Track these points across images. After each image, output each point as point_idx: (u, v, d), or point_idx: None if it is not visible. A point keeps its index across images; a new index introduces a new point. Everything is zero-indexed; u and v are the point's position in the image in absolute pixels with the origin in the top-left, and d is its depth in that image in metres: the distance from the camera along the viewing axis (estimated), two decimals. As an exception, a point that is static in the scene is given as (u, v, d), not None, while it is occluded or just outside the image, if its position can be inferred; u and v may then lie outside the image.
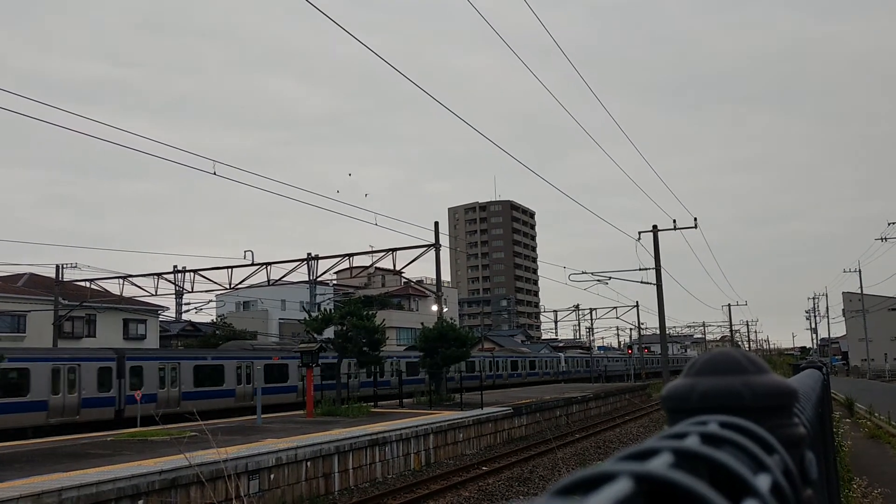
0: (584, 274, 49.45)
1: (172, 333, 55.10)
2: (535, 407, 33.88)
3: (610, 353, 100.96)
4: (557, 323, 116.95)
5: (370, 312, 34.19)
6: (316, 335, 32.68)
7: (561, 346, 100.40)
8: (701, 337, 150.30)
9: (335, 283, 62.85)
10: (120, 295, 44.15)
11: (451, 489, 19.53)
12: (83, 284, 44.13)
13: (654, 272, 42.48)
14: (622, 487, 0.48)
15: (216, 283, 42.97)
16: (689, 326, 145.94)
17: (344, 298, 51.27)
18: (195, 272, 43.05)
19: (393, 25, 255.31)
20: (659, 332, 44.74)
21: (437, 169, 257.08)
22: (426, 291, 71.25)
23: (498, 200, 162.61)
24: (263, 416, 26.48)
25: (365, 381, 37.57)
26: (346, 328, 33.12)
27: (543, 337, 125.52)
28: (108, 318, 46.61)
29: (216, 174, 28.70)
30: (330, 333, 34.33)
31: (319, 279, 43.08)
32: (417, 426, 23.57)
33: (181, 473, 14.56)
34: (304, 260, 41.51)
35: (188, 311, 58.68)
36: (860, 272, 79.87)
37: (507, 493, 19.46)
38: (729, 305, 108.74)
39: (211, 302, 62.08)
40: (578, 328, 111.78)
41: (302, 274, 42.30)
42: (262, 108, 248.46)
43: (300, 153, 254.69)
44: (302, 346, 31.31)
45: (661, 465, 0.55)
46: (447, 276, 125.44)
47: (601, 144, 35.73)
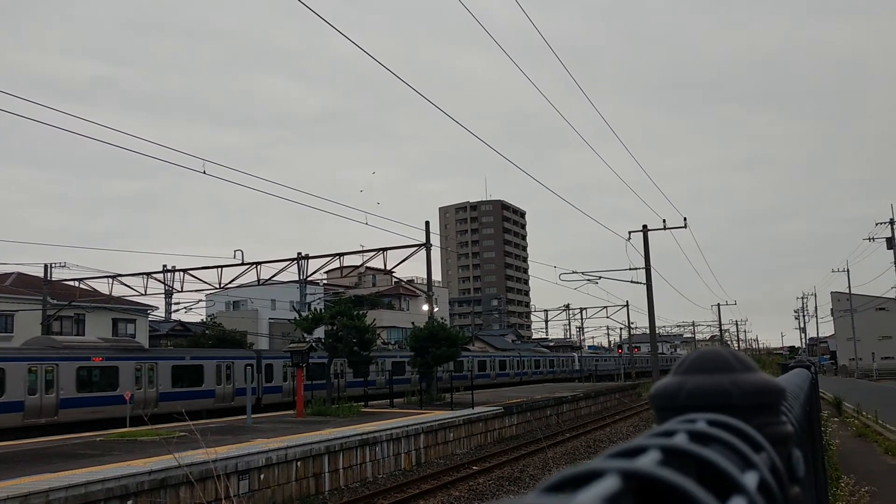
0: (574, 273, 49.59)
1: (162, 333, 54.87)
2: (525, 406, 33.93)
3: (599, 352, 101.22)
4: (548, 322, 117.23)
5: (360, 312, 34.16)
6: (306, 335, 32.63)
7: (551, 345, 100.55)
8: (691, 336, 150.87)
9: (325, 282, 62.73)
10: (109, 294, 43.94)
11: (441, 489, 19.53)
12: (72, 284, 43.89)
13: (644, 272, 42.62)
14: (610, 485, 0.48)
15: (206, 282, 42.84)
16: (678, 326, 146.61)
17: (334, 298, 51.20)
18: (185, 271, 42.91)
19: (386, 25, 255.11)
20: (649, 331, 44.88)
21: (429, 168, 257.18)
22: (417, 291, 71.23)
23: (489, 200, 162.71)
24: (254, 416, 26.42)
25: (351, 381, 37.48)
26: (336, 328, 33.08)
27: (534, 336, 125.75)
28: (96, 317, 46.38)
29: (206, 173, 28.60)
30: (320, 333, 34.29)
31: (310, 279, 43.01)
32: (408, 426, 23.56)
33: (171, 474, 14.50)
34: (294, 259, 41.43)
35: (178, 310, 58.53)
36: (848, 272, 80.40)
37: (497, 492, 19.47)
38: (718, 305, 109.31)
39: (200, 301, 61.78)
40: (569, 328, 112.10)
41: (292, 273, 42.24)
42: (254, 107, 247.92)
43: (293, 152, 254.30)
44: (292, 345, 31.26)
45: (649, 462, 0.55)
46: (438, 275, 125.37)
47: (592, 144, 35.84)
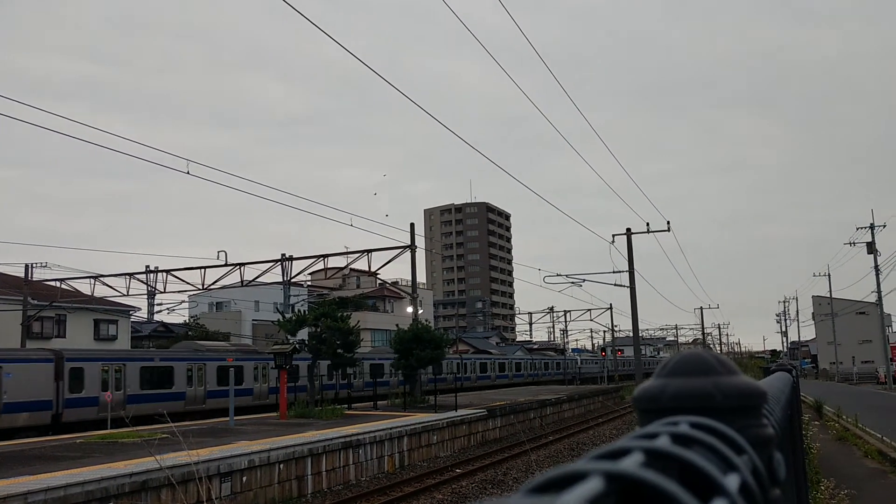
0: (558, 276, 49.63)
1: (144, 334, 54.47)
2: (508, 409, 33.96)
3: (583, 355, 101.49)
4: (532, 325, 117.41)
5: (345, 314, 34.07)
6: (290, 337, 32.49)
7: (535, 347, 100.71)
8: (674, 340, 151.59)
9: (309, 284, 62.41)
10: (91, 295, 43.56)
11: (424, 491, 19.50)
12: (53, 284, 43.48)
13: (627, 275, 42.76)
14: (594, 486, 0.49)
15: (189, 283, 42.55)
16: (661, 329, 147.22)
17: (318, 300, 51.02)
18: (168, 272, 42.59)
19: (372, 28, 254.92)
20: (632, 334, 45.04)
21: (414, 170, 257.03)
22: (401, 293, 71.11)
23: (474, 202, 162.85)
24: (236, 417, 26.28)
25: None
26: (320, 330, 32.97)
27: (518, 339, 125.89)
28: (78, 318, 45.99)
29: (189, 174, 28.44)
30: (304, 335, 34.15)
31: (293, 280, 42.80)
32: (391, 428, 23.52)
33: (152, 476, 14.39)
34: (278, 261, 41.24)
35: (160, 311, 58.09)
36: (829, 276, 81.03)
37: (480, 495, 19.47)
38: (701, 308, 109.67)
39: (183, 302, 61.36)
40: (553, 330, 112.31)
41: (276, 275, 42.02)
42: (239, 108, 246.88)
43: (278, 154, 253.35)
44: (275, 347, 31.12)
45: (632, 464, 0.55)
46: (422, 277, 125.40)
47: (577, 148, 36.01)
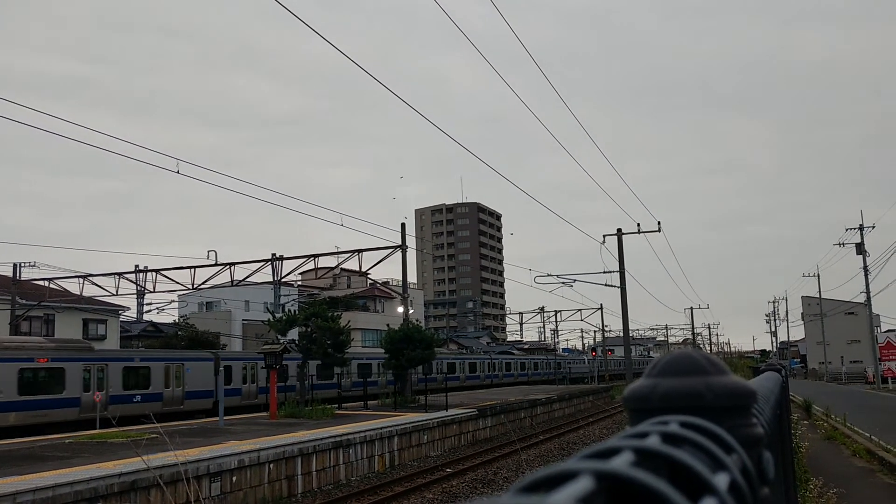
0: (549, 276, 49.74)
1: (133, 334, 54.24)
2: (499, 409, 33.99)
3: (574, 354, 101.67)
4: (523, 325, 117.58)
5: (335, 314, 34.02)
6: (280, 336, 32.43)
7: (526, 347, 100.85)
8: (664, 339, 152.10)
9: (300, 284, 62.26)
10: (80, 294, 43.33)
11: (414, 491, 19.50)
12: (42, 283, 43.24)
13: (618, 275, 42.89)
14: (584, 485, 0.49)
15: (178, 283, 42.36)
16: (652, 329, 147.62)
17: (309, 300, 50.93)
18: (157, 272, 42.40)
19: (363, 27, 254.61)
20: (622, 334, 45.18)
21: (405, 170, 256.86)
22: (392, 293, 71.04)
23: (465, 202, 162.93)
24: (226, 417, 26.21)
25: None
26: (310, 329, 32.92)
27: (509, 339, 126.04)
28: (67, 317, 45.75)
29: (179, 173, 28.28)
30: (294, 335, 34.09)
31: (284, 280, 42.68)
32: (382, 428, 23.50)
33: (140, 476, 14.33)
34: (268, 260, 41.11)
35: (150, 311, 57.85)
36: (819, 277, 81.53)
37: (470, 494, 19.48)
38: (691, 308, 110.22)
39: (173, 302, 61.11)
40: (543, 330, 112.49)
41: (266, 274, 41.88)
42: (229, 107, 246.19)
43: (268, 153, 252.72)
44: (266, 347, 31.05)
45: (622, 463, 0.55)
46: (413, 277, 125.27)
47: (568, 148, 36.03)
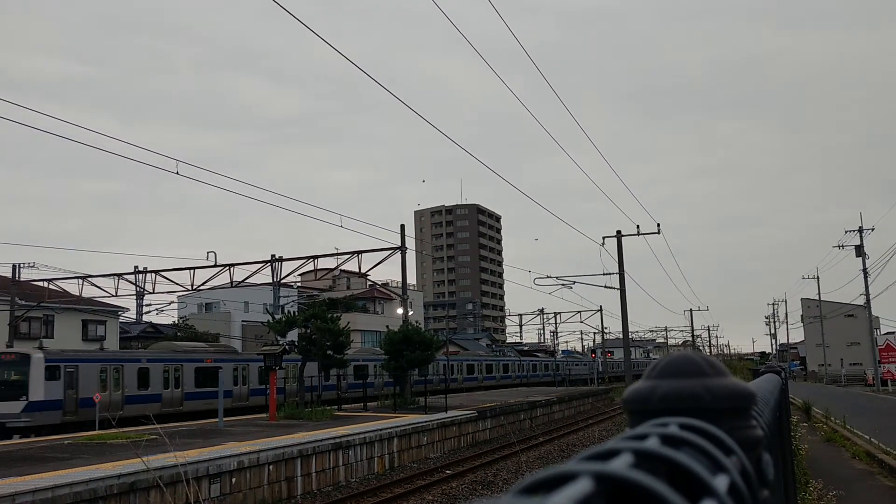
0: (548, 278, 49.69)
1: (133, 335, 54.23)
2: (499, 410, 33.98)
3: (573, 357, 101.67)
4: (522, 326, 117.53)
5: (334, 315, 34.00)
6: (279, 338, 32.41)
7: (525, 349, 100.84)
8: (663, 342, 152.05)
9: (299, 285, 62.27)
10: (79, 295, 43.32)
11: (414, 493, 19.49)
12: (41, 284, 43.23)
13: (617, 277, 42.86)
14: (583, 487, 0.49)
15: (178, 284, 42.35)
16: (651, 331, 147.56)
17: (308, 301, 50.94)
18: (156, 273, 42.39)
19: (363, 29, 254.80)
20: (622, 336, 45.16)
21: (405, 171, 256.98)
22: (391, 294, 71.02)
23: (464, 204, 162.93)
24: (225, 418, 26.19)
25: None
26: (309, 331, 32.91)
27: (508, 340, 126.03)
28: (66, 318, 45.74)
29: (179, 174, 28.30)
30: (294, 336, 34.07)
31: (283, 281, 42.69)
32: (381, 430, 23.49)
33: (140, 477, 14.32)
34: (267, 261, 41.10)
35: (149, 312, 57.82)
36: (818, 279, 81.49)
37: (470, 496, 19.47)
38: (691, 310, 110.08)
39: (172, 303, 61.11)
40: (543, 332, 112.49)
41: (265, 276, 41.88)
42: (229, 108, 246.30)
43: (268, 154, 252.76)
44: (265, 348, 31.05)
45: (621, 465, 0.56)
46: (413, 279, 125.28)
47: (567, 150, 36.02)
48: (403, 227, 37.11)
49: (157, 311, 58.67)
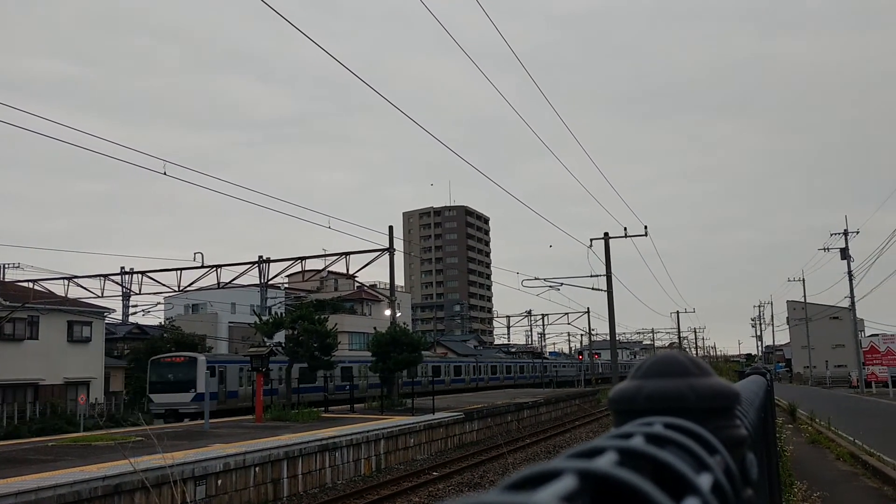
0: (536, 280, 49.77)
1: (119, 336, 53.89)
2: (486, 412, 34.00)
3: (560, 358, 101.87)
4: (510, 328, 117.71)
5: (322, 316, 33.94)
6: (266, 339, 32.32)
7: (513, 351, 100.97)
8: (650, 343, 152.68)
9: (287, 286, 62.07)
10: (64, 296, 43.05)
11: (401, 494, 19.47)
12: (26, 285, 42.91)
13: (605, 279, 42.98)
14: (567, 484, 0.49)
15: (164, 285, 42.21)
16: (638, 333, 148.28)
17: (295, 302, 50.81)
18: (143, 274, 42.22)
19: (352, 31, 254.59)
20: (609, 337, 45.29)
21: (394, 173, 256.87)
22: (379, 296, 70.93)
23: (453, 206, 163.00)
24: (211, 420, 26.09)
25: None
26: (297, 332, 32.83)
27: (496, 342, 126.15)
28: (51, 319, 45.31)
29: (166, 174, 28.14)
30: (281, 338, 33.98)
31: (271, 282, 42.58)
32: (368, 431, 23.46)
33: (125, 479, 14.24)
34: (255, 263, 41.00)
35: (135, 313, 57.49)
36: (804, 281, 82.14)
37: (457, 498, 19.47)
38: (677, 312, 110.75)
39: (159, 304, 60.79)
40: (531, 333, 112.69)
41: (253, 277, 41.78)
42: (218, 109, 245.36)
43: (256, 155, 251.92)
44: (252, 350, 30.94)
45: (606, 463, 0.56)
46: (401, 280, 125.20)
47: (557, 153, 36.08)
48: (392, 228, 37.10)
49: (143, 312, 58.44)
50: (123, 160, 40.27)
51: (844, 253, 59.73)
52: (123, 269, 44.99)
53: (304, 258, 40.61)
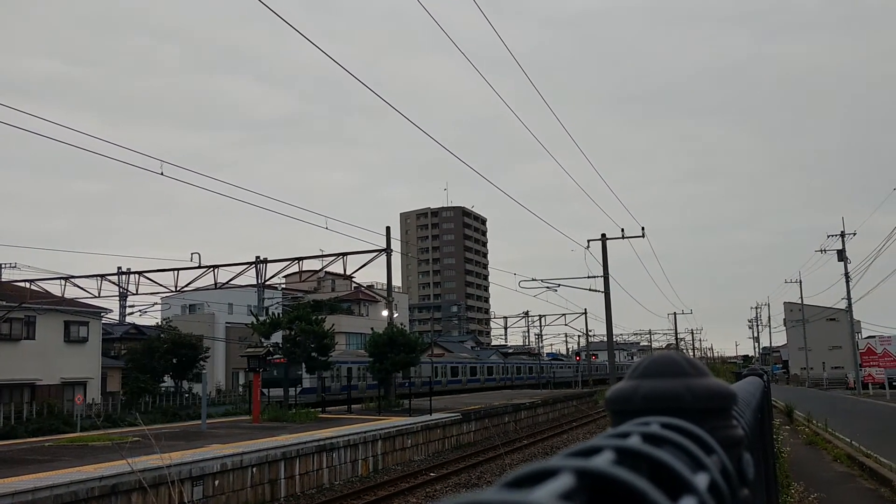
0: (533, 281, 49.79)
1: (115, 336, 53.82)
2: (483, 413, 33.99)
3: (558, 360, 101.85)
4: (507, 329, 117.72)
5: (319, 317, 33.93)
6: (264, 340, 32.30)
7: (510, 352, 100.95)
8: (647, 345, 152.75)
9: (284, 287, 62.03)
10: (61, 296, 42.97)
11: (398, 495, 19.47)
12: (23, 285, 42.83)
13: (602, 280, 43.01)
14: (564, 482, 0.49)
15: (161, 285, 42.11)
16: (635, 334, 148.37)
17: (293, 303, 50.78)
18: (140, 274, 42.14)
19: (349, 32, 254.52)
20: (606, 339, 45.31)
21: (392, 174, 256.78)
22: (376, 296, 70.94)
23: (450, 206, 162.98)
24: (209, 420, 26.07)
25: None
26: (294, 333, 32.81)
27: (493, 343, 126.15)
28: (48, 319, 45.27)
29: (163, 174, 28.10)
30: (278, 338, 33.95)
31: (268, 283, 42.51)
32: (365, 432, 23.45)
33: (122, 479, 14.22)
34: (252, 263, 40.93)
35: (132, 313, 57.45)
36: (801, 283, 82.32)
37: (454, 498, 19.46)
38: (674, 314, 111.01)
39: (156, 304, 60.71)
40: (528, 334, 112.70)
41: (250, 277, 41.73)
42: (215, 109, 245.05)
43: (253, 156, 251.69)
44: (249, 350, 30.92)
45: (603, 461, 0.56)
46: (398, 281, 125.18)
47: (553, 154, 36.09)
48: (389, 229, 37.09)
49: (140, 312, 58.39)
50: (121, 160, 40.20)
51: (841, 255, 59.80)
52: (120, 269, 44.94)
53: (301, 259, 40.56)
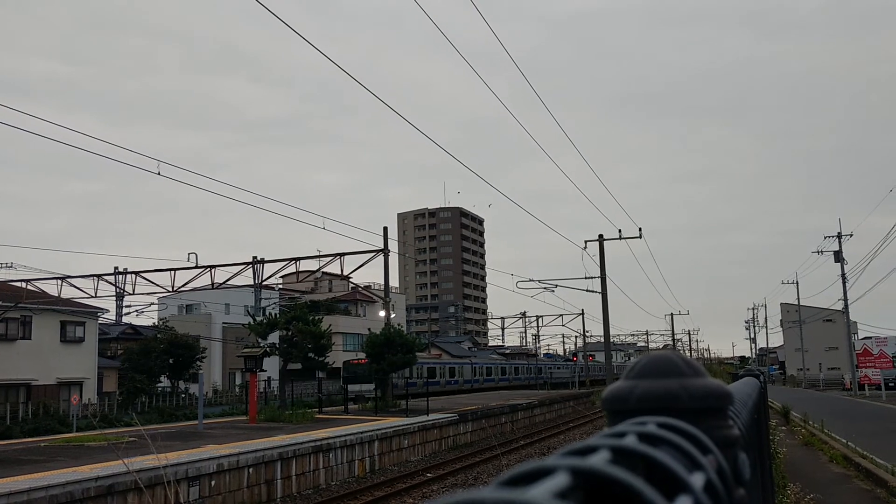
0: (531, 281, 49.84)
1: (112, 336, 53.74)
2: (480, 413, 33.99)
3: (556, 360, 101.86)
4: (504, 330, 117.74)
5: (316, 317, 33.92)
6: (260, 340, 32.28)
7: (507, 352, 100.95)
8: (644, 345, 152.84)
9: (281, 287, 61.93)
10: (58, 296, 42.90)
11: (394, 496, 19.46)
12: (19, 285, 42.75)
13: (599, 281, 43.06)
14: (560, 481, 0.49)
15: (158, 285, 42.05)
16: (632, 335, 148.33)
17: (290, 303, 50.70)
18: (136, 274, 42.08)
19: (348, 33, 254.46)
20: (603, 339, 45.35)
21: (389, 175, 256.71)
22: (374, 297, 70.91)
23: (447, 207, 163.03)
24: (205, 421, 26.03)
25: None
26: (291, 333, 32.80)
27: (490, 343, 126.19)
28: (44, 319, 45.21)
29: (160, 174, 28.05)
30: (275, 338, 33.93)
31: (265, 283, 42.46)
32: (362, 433, 23.44)
33: (118, 480, 14.20)
34: (249, 263, 40.87)
35: (129, 313, 57.31)
36: (797, 284, 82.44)
37: (451, 499, 19.46)
38: (671, 314, 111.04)
39: (153, 305, 60.64)
40: (525, 335, 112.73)
41: (247, 277, 41.66)
42: (212, 109, 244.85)
43: (251, 156, 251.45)
44: (246, 350, 30.90)
45: (599, 461, 0.56)
46: (395, 281, 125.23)
47: (551, 155, 36.16)
48: (386, 229, 37.07)
49: (136, 312, 58.26)
50: (117, 160, 40.19)
51: (838, 256, 59.90)
52: (117, 269, 44.85)
53: (298, 259, 40.52)
